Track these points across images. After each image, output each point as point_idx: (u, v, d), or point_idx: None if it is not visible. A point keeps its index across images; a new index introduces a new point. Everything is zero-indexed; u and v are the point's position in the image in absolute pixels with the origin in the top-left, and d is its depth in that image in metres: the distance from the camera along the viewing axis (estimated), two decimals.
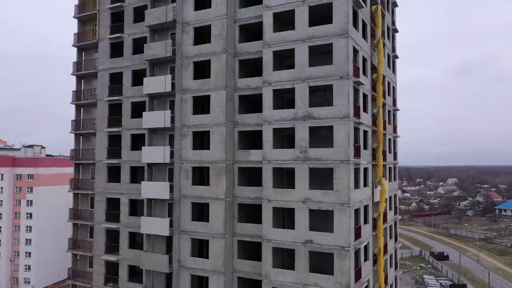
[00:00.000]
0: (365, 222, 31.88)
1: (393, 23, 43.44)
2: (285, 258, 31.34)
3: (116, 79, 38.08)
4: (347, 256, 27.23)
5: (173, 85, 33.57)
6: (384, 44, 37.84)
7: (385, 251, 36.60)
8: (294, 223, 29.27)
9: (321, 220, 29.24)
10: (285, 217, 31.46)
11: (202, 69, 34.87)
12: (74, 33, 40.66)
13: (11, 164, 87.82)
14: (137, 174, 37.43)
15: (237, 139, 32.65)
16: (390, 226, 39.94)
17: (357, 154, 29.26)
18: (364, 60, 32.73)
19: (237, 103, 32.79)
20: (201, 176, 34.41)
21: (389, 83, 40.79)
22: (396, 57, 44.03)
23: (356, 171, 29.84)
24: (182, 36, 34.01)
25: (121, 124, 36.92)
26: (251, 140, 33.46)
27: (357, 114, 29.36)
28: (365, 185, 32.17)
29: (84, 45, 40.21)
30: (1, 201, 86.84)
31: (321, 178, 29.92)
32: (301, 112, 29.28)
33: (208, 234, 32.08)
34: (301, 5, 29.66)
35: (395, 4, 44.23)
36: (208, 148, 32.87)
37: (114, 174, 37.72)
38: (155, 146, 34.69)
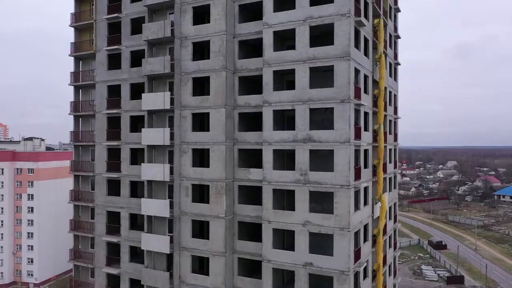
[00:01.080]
0: (365, 240, 32.01)
1: (396, 29, 42.66)
2: (285, 278, 31.59)
3: (114, 90, 37.60)
4: (346, 280, 27.41)
5: (172, 100, 33.21)
6: (386, 55, 37.27)
7: (384, 263, 36.91)
8: (294, 245, 29.38)
9: (322, 240, 29.30)
10: (285, 238, 31.58)
11: (201, 84, 34.46)
12: (71, 42, 39.96)
13: (11, 158, 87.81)
14: (137, 188, 37.40)
15: (237, 157, 32.47)
16: (389, 236, 40.13)
17: (357, 176, 29.15)
18: (366, 77, 32.27)
19: (237, 120, 32.48)
20: (201, 192, 34.34)
21: (390, 92, 40.34)
22: (398, 64, 43.42)
23: (357, 192, 29.77)
24: (180, 50, 33.43)
25: (120, 137, 36.64)
26: (251, 157, 33.23)
27: (358, 136, 29.11)
28: (365, 203, 32.18)
29: (82, 54, 39.58)
30: (2, 195, 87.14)
31: (322, 198, 29.86)
32: (302, 135, 29.01)
33: (208, 252, 32.23)
34: (302, 24, 29.03)
35: (397, 10, 43.35)
36: (208, 165, 32.72)
37: (114, 187, 37.65)
38: (154, 161, 34.52)
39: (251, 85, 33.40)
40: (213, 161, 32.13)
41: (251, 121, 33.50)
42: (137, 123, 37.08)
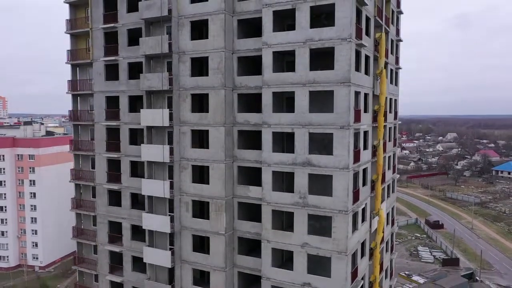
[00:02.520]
0: (362, 255, 32.66)
1: (398, 32, 41.82)
2: None
3: (113, 100, 37.26)
4: None
5: (171, 115, 33.08)
6: (387, 64, 36.72)
7: (381, 270, 37.78)
8: (293, 263, 29.99)
9: (321, 258, 29.85)
10: (284, 256, 32.19)
11: (200, 98, 34.14)
12: (67, 50, 39.27)
13: (12, 144, 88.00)
14: (138, 197, 37.76)
15: (237, 174, 32.64)
16: (386, 242, 40.83)
17: (356, 198, 29.43)
18: (366, 95, 31.99)
19: (236, 137, 32.42)
20: (201, 207, 34.73)
21: (390, 99, 40.03)
22: (399, 68, 42.84)
23: (355, 213, 30.11)
24: (178, 65, 32.97)
25: (120, 150, 36.66)
26: (251, 173, 33.35)
27: (357, 159, 29.19)
28: (363, 219, 32.62)
29: (79, 63, 38.99)
30: (4, 181, 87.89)
31: (321, 218, 30.23)
32: (301, 158, 29.06)
33: (209, 266, 32.95)
34: (302, 46, 28.51)
35: (400, 12, 42.35)
36: (208, 181, 32.93)
37: (115, 197, 38.00)
38: (155, 176, 34.68)
39: (250, 101, 33.09)
40: (213, 178, 32.32)
41: (251, 137, 33.40)
42: (137, 132, 37.01)
